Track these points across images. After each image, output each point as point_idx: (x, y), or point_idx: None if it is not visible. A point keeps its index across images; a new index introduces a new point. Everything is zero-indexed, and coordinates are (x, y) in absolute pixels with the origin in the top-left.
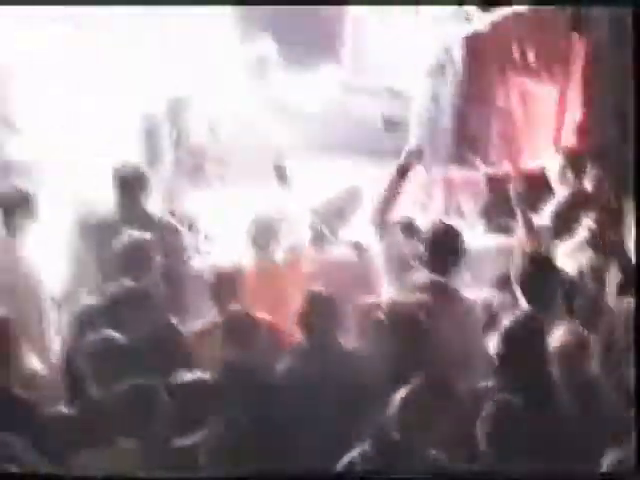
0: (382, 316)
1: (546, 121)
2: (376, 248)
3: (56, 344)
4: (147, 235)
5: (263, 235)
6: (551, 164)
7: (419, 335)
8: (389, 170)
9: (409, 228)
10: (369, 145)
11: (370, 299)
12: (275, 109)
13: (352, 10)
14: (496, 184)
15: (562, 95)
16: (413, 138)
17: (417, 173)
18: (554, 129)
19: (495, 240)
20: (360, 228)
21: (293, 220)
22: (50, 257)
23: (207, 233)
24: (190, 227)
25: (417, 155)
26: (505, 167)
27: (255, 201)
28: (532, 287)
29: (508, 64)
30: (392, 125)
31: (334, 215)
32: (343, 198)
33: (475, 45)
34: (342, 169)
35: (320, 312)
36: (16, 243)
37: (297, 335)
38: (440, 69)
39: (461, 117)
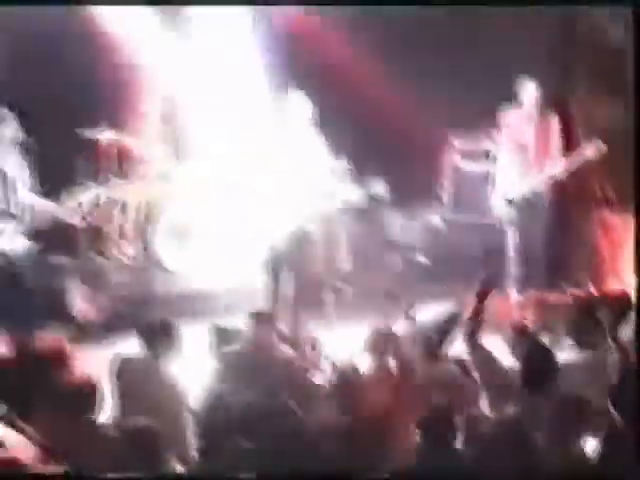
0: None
1: (625, 247)
2: (471, 365)
3: (194, 449)
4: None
5: (380, 345)
6: (632, 285)
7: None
8: None
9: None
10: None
11: (475, 411)
12: (385, 241)
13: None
14: (583, 304)
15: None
16: (506, 266)
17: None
18: (634, 254)
19: (583, 355)
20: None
21: (405, 335)
22: (189, 374)
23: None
24: (313, 347)
25: (491, 282)
26: (591, 289)
27: (369, 318)
28: (622, 399)
29: (589, 199)
30: (488, 254)
31: (439, 333)
32: (446, 319)
33: (559, 184)
34: (445, 294)
35: (439, 419)
36: (159, 364)
37: (416, 437)
38: (529, 205)
39: (550, 246)
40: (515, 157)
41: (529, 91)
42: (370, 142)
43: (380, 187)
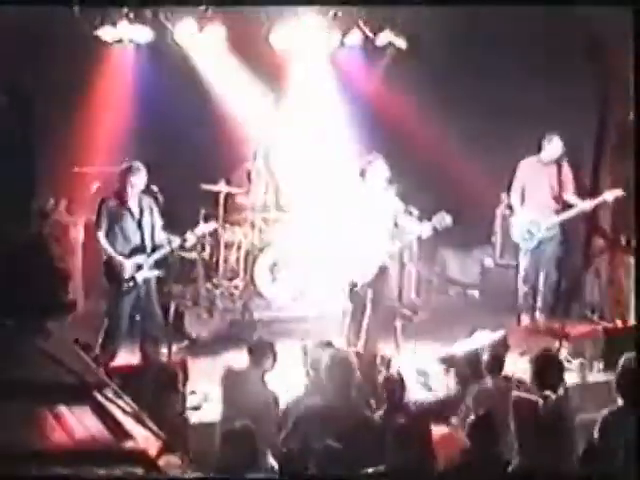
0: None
1: None
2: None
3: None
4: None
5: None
6: None
7: None
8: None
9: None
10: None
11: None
12: (442, 279)
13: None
14: (611, 333)
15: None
16: (540, 300)
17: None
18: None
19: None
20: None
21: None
22: (283, 384)
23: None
24: (388, 366)
25: (501, 345)
26: (617, 322)
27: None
28: None
29: (610, 243)
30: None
31: (490, 356)
32: (495, 344)
33: (580, 225)
34: (493, 324)
35: (484, 430)
36: (259, 373)
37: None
38: (548, 243)
39: (579, 283)
40: (531, 201)
41: (553, 143)
42: (435, 196)
43: (444, 221)
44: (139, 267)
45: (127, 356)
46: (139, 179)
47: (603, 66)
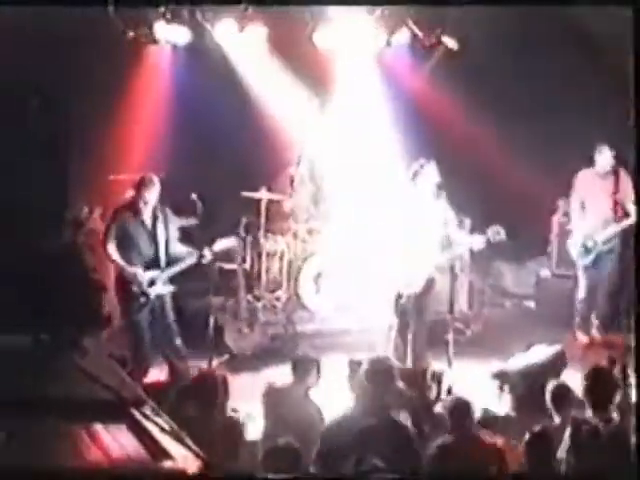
0: None
1: None
2: None
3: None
4: None
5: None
6: None
7: None
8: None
9: None
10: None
11: None
12: (496, 290)
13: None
14: None
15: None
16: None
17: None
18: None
19: None
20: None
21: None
22: (328, 400)
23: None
24: (438, 382)
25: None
26: None
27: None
28: None
29: None
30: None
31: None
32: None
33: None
34: (550, 338)
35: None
36: (303, 389)
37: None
38: (605, 254)
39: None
40: (591, 214)
41: (604, 154)
42: (488, 204)
43: (497, 235)
44: (152, 282)
45: (158, 372)
46: (151, 192)
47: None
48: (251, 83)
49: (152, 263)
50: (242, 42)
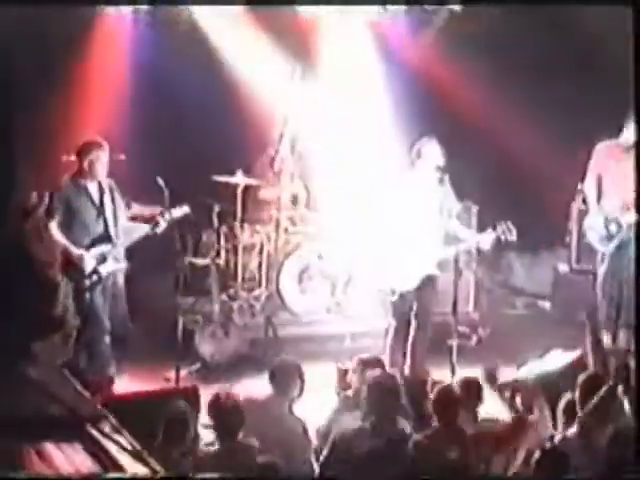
0: None
1: None
2: None
3: None
4: None
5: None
6: None
7: None
8: None
9: None
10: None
11: None
12: (510, 286)
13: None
14: None
15: None
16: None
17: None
18: None
19: None
20: None
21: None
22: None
23: None
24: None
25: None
26: None
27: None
28: None
29: None
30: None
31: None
32: (569, 366)
33: None
34: (569, 340)
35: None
36: (285, 402)
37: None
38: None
39: None
40: (609, 194)
41: (630, 126)
42: (497, 187)
43: (508, 233)
44: (103, 258)
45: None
46: (100, 157)
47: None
48: (225, 52)
49: (101, 238)
50: (214, 7)
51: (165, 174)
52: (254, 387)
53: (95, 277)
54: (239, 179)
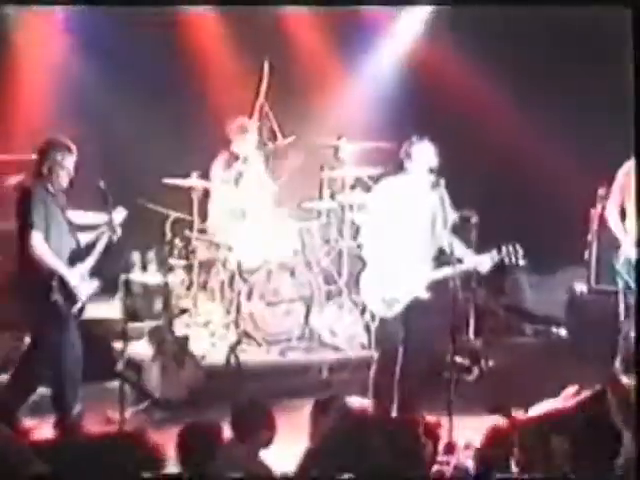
0: None
1: None
2: None
3: None
4: None
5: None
6: None
7: None
8: None
9: None
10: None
11: None
12: (519, 311)
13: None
14: None
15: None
16: None
17: None
18: None
19: None
20: None
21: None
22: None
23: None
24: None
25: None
26: None
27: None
28: None
29: None
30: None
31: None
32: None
33: None
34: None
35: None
36: (250, 449)
37: None
38: None
39: None
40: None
41: None
42: (502, 194)
43: (514, 256)
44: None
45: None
46: (68, 158)
47: None
48: (178, 34)
49: (75, 255)
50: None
51: (108, 177)
52: None
53: (77, 306)
54: (195, 182)
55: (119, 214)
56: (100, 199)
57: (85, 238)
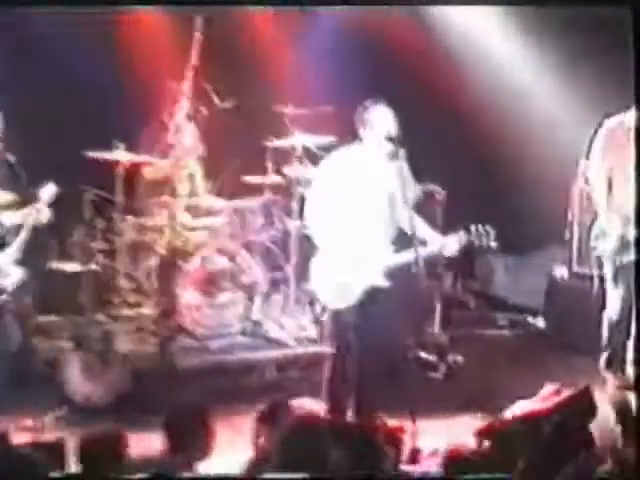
0: None
1: None
2: None
3: None
4: None
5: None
6: None
7: None
8: None
9: None
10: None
11: None
12: (489, 299)
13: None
14: None
15: None
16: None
17: None
18: None
19: None
20: None
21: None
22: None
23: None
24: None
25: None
26: None
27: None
28: None
29: None
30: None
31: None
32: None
33: None
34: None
35: None
36: (184, 460)
37: None
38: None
39: None
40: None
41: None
42: (471, 166)
43: (485, 238)
44: None
45: None
46: None
47: None
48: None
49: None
50: None
51: (20, 152)
52: (142, 440)
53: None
54: (120, 155)
55: (47, 192)
56: (10, 176)
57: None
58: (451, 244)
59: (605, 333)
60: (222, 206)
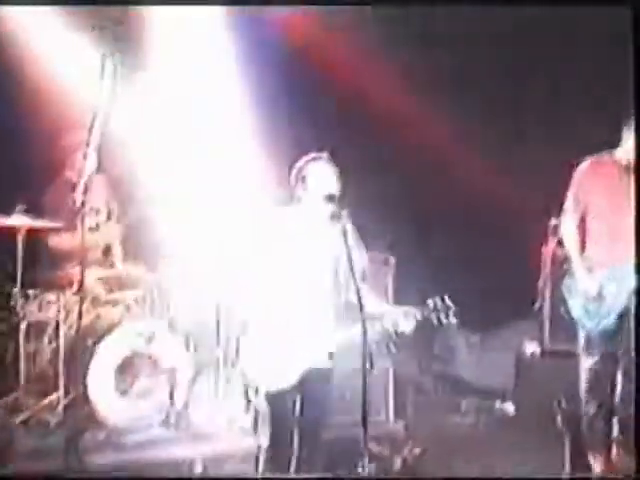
0: None
1: None
2: None
3: None
4: None
5: None
6: None
7: None
8: None
9: None
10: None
11: None
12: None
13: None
14: None
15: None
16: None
17: None
18: None
19: None
20: None
21: None
22: None
23: None
24: None
25: None
26: None
27: None
28: None
29: None
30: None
31: None
32: None
33: None
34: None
35: None
36: None
37: None
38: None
39: None
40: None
41: (630, 137)
42: (427, 227)
43: (444, 312)
44: None
45: None
46: None
47: None
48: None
49: None
50: None
51: None
52: None
53: None
54: (20, 220)
55: None
56: None
57: None
58: (406, 319)
59: (585, 415)
60: (141, 276)
